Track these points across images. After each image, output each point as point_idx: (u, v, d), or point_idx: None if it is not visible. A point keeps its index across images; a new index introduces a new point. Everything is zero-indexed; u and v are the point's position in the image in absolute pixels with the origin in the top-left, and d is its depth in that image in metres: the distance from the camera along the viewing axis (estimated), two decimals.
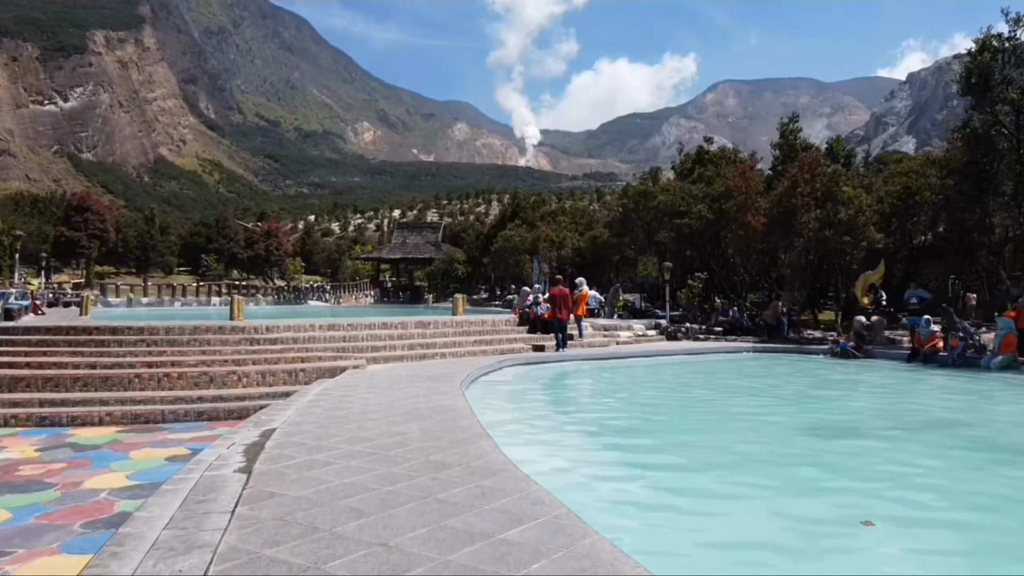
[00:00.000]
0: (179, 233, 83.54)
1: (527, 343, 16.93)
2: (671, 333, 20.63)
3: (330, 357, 13.04)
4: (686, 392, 11.92)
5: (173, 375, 11.38)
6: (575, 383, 13.68)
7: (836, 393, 11.75)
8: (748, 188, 21.05)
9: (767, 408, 9.96)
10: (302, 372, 12.04)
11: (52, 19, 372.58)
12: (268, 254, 71.86)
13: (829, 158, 22.80)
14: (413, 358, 14.13)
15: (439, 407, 8.18)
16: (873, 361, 16.03)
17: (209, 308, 32.66)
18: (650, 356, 16.71)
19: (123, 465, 7.82)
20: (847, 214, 18.49)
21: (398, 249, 42.59)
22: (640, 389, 12.16)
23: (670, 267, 21.54)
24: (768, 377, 14.16)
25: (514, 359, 14.60)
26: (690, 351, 17.54)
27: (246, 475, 5.34)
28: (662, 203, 23.49)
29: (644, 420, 9.05)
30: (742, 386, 12.52)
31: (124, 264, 69.94)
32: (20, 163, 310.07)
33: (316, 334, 13.92)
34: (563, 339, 16.46)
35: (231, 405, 10.73)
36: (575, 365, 15.24)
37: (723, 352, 17.87)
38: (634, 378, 13.90)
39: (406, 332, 15.24)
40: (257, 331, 13.51)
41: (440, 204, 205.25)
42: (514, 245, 29.23)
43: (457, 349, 15.18)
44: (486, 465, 5.24)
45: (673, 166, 29.79)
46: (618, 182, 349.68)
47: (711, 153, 27.66)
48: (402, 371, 12.29)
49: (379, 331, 14.88)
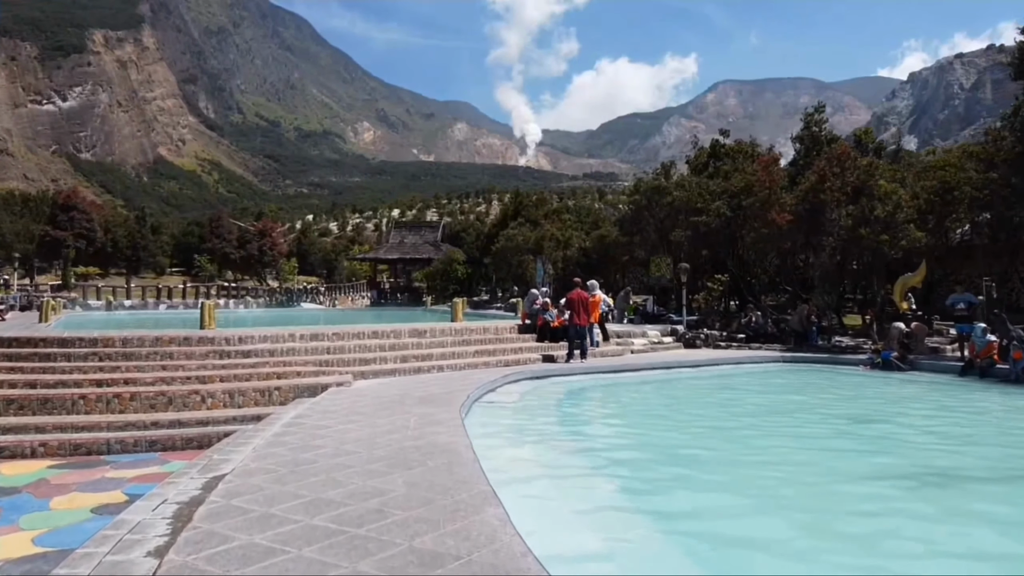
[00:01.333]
0: (172, 233, 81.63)
1: (534, 352, 15.30)
2: (689, 340, 19.00)
3: (311, 372, 11.42)
4: (728, 418, 10.25)
5: (125, 395, 9.76)
6: (594, 404, 11.91)
7: (902, 419, 10.02)
8: (772, 182, 19.39)
9: (827, 444, 8.29)
10: (277, 391, 10.43)
11: (51, 18, 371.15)
12: (262, 254, 69.80)
13: (858, 150, 21.15)
14: (407, 372, 12.50)
15: (432, 446, 6.55)
16: (919, 374, 14.38)
17: (196, 312, 31.05)
18: (670, 367, 15.08)
19: (36, 520, 6.26)
20: (884, 211, 16.85)
21: (395, 249, 40.91)
22: (674, 414, 10.40)
23: (688, 268, 19.92)
24: (809, 394, 12.53)
25: (521, 373, 12.97)
26: (713, 361, 15.90)
27: (156, 563, 3.75)
28: (677, 199, 21.82)
29: (693, 464, 7.28)
30: (786, 410, 10.79)
31: (114, 265, 68.07)
32: (18, 163, 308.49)
33: (296, 345, 12.29)
34: (583, 348, 14.89)
35: (191, 432, 9.14)
36: (591, 379, 13.59)
37: (749, 363, 16.23)
38: (662, 398, 12.21)
39: (399, 342, 13.62)
40: (228, 342, 11.89)
41: (440, 204, 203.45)
42: (517, 245, 27.58)
43: (456, 361, 13.55)
44: (496, 561, 3.61)
45: (687, 160, 28.14)
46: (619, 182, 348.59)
47: (727, 147, 26.00)
48: (393, 389, 10.67)
49: (368, 341, 13.26)
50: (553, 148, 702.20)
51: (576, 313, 14.66)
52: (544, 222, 28.54)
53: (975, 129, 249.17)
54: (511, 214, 39.12)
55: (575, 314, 14.68)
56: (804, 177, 20.50)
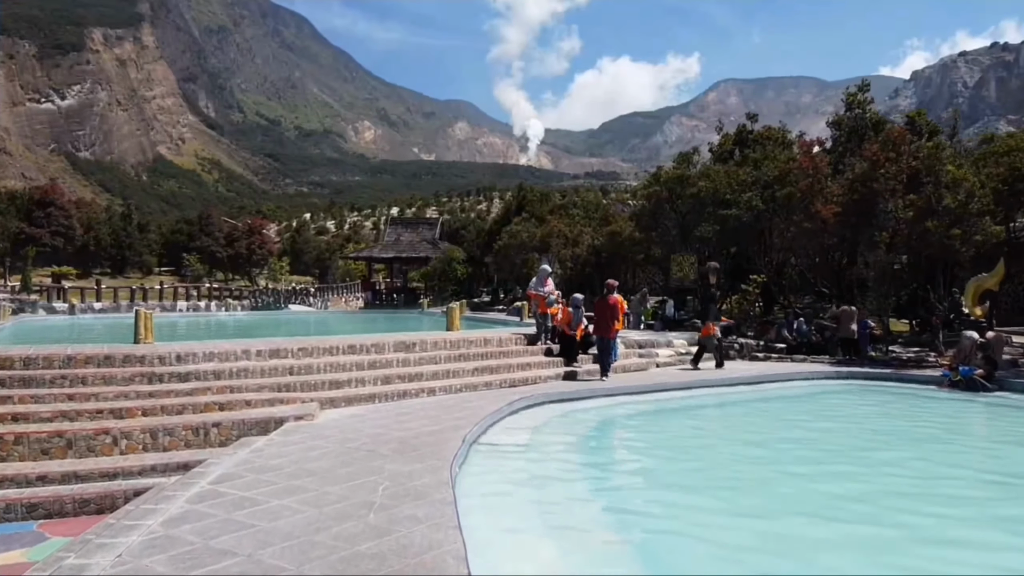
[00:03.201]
0: (160, 231, 78.69)
1: (546, 367, 12.84)
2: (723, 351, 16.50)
3: (265, 401, 8.97)
4: (810, 461, 7.76)
5: (8, 438, 7.32)
6: (641, 445, 9.00)
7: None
8: (815, 169, 16.91)
9: (986, 524, 5.81)
10: (216, 428, 8.00)
11: (49, 17, 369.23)
12: (250, 253, 66.91)
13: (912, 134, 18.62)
14: (389, 397, 10.05)
15: (401, 553, 4.09)
16: (1012, 396, 11.90)
17: (173, 315, 28.58)
18: (710, 386, 12.61)
19: None
20: (954, 200, 14.38)
21: (391, 247, 38.40)
22: (768, 465, 7.66)
23: (718, 268, 17.41)
24: (902, 426, 10.05)
25: (531, 397, 10.49)
26: (757, 378, 13.43)
27: None
28: (703, 191, 19.30)
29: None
30: (901, 457, 7.96)
31: (98, 264, 65.34)
32: (16, 161, 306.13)
33: (251, 364, 9.83)
34: (607, 364, 12.51)
35: (90, 489, 6.78)
36: (621, 404, 11.05)
37: (799, 379, 13.75)
38: (729, 432, 9.64)
39: (381, 358, 11.15)
40: (163, 361, 9.43)
41: (440, 202, 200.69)
42: (521, 242, 25.11)
43: (452, 381, 11.09)
44: None
45: (710, 148, 25.60)
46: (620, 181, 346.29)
47: (755, 132, 23.48)
48: (366, 425, 8.23)
49: (343, 358, 10.80)
50: (554, 147, 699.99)
51: (606, 322, 12.30)
52: (551, 218, 26.03)
53: (979, 128, 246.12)
54: (514, 209, 36.62)
55: (604, 323, 12.32)
56: (846, 164, 18.01)
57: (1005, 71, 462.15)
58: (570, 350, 13.23)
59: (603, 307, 12.59)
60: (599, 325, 12.59)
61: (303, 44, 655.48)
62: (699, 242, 20.34)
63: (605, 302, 12.61)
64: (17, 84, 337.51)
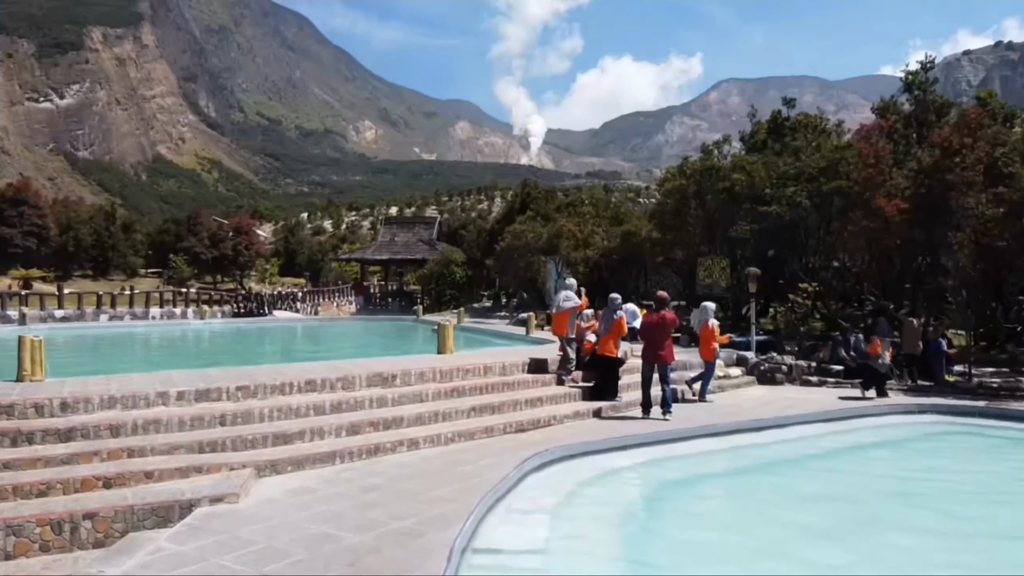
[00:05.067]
0: (147, 231, 75.53)
1: (563, 402, 10.25)
2: (766, 374, 13.95)
3: (176, 470, 6.37)
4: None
5: None
6: (719, 531, 6.21)
7: None
8: (878, 157, 14.30)
9: None
10: (90, 522, 5.43)
11: (48, 15, 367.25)
12: (236, 255, 63.94)
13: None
14: (356, 454, 7.46)
15: None
16: None
17: (139, 324, 25.93)
18: (763, 428, 10.00)
19: None
20: None
21: (385, 248, 35.74)
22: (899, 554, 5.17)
23: (758, 274, 14.83)
24: None
25: (550, 451, 7.89)
26: (833, 415, 10.79)
27: None
28: (737, 184, 16.66)
29: None
30: None
31: (79, 267, 62.41)
32: (14, 161, 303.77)
33: (167, 413, 7.24)
34: (666, 399, 10.02)
35: None
36: (673, 453, 8.43)
37: (885, 414, 11.13)
38: (841, 508, 6.96)
39: (349, 397, 8.54)
40: (41, 410, 6.83)
41: (440, 201, 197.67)
42: (526, 243, 22.54)
43: (441, 428, 8.49)
44: None
45: (741, 137, 22.94)
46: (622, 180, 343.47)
47: (792, 119, 20.82)
48: (311, 518, 5.64)
49: (297, 398, 8.19)
50: (556, 147, 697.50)
51: (658, 344, 9.80)
52: (558, 216, 23.45)
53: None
54: (518, 207, 33.99)
55: (654, 346, 9.82)
56: (908, 154, 15.40)
57: (1009, 70, 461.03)
58: (611, 380, 10.61)
59: (657, 326, 10.06)
60: (651, 348, 10.04)
61: (304, 44, 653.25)
62: (731, 243, 17.72)
63: (661, 320, 10.05)
64: (16, 83, 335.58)
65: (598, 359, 10.75)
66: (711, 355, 11.91)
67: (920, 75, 17.43)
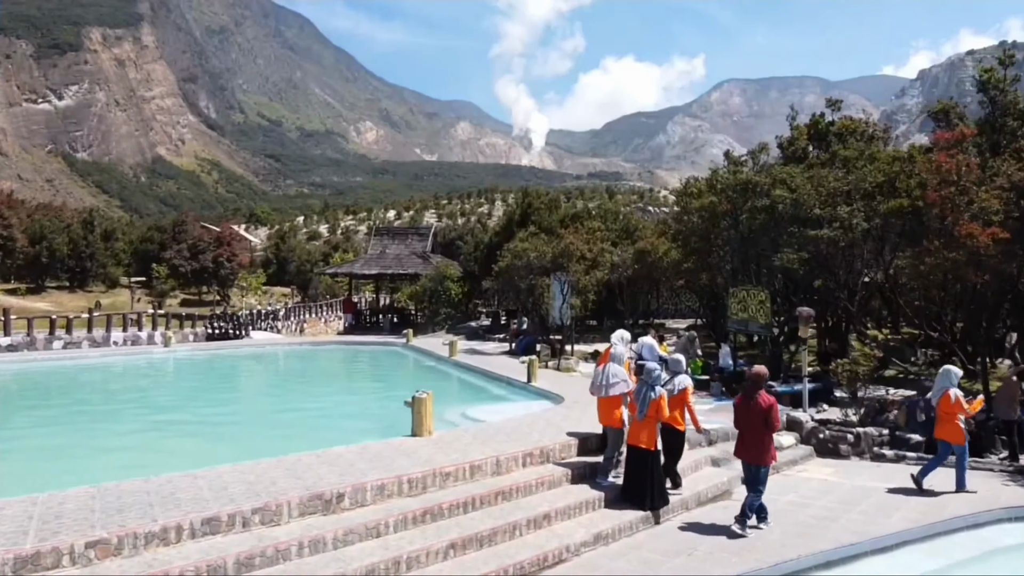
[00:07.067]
0: (129, 239, 71.73)
1: (581, 506, 7.44)
2: (827, 444, 11.15)
3: None
4: None
5: None
6: None
7: None
8: (960, 173, 11.55)
9: None
10: None
11: (47, 16, 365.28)
12: (218, 266, 60.53)
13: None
14: None
15: None
16: None
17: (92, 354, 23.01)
18: (914, 541, 7.22)
19: None
20: None
21: (374, 262, 32.98)
22: None
23: (811, 315, 12.06)
24: None
25: None
26: (956, 526, 7.99)
27: None
28: (779, 201, 13.80)
29: None
30: None
31: (54, 278, 59.16)
32: (12, 162, 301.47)
33: None
34: (752, 505, 7.43)
35: None
36: None
37: (990, 522, 8.33)
38: None
39: (267, 543, 5.68)
40: None
41: (439, 204, 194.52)
42: (528, 263, 19.89)
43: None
44: None
45: (779, 144, 20.05)
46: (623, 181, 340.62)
47: (837, 124, 17.94)
48: None
49: (182, 551, 5.34)
50: (557, 147, 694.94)
51: (761, 437, 7.20)
52: (564, 232, 20.75)
53: None
54: (518, 219, 31.21)
55: (742, 441, 7.19)
56: (990, 167, 12.62)
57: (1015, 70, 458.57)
58: (646, 480, 7.75)
59: (752, 411, 7.30)
60: (739, 442, 7.33)
61: (305, 44, 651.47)
62: (770, 271, 14.91)
63: (755, 404, 7.27)
64: (14, 84, 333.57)
65: (629, 451, 7.99)
66: (959, 436, 9.01)
67: (996, 72, 14.62)
